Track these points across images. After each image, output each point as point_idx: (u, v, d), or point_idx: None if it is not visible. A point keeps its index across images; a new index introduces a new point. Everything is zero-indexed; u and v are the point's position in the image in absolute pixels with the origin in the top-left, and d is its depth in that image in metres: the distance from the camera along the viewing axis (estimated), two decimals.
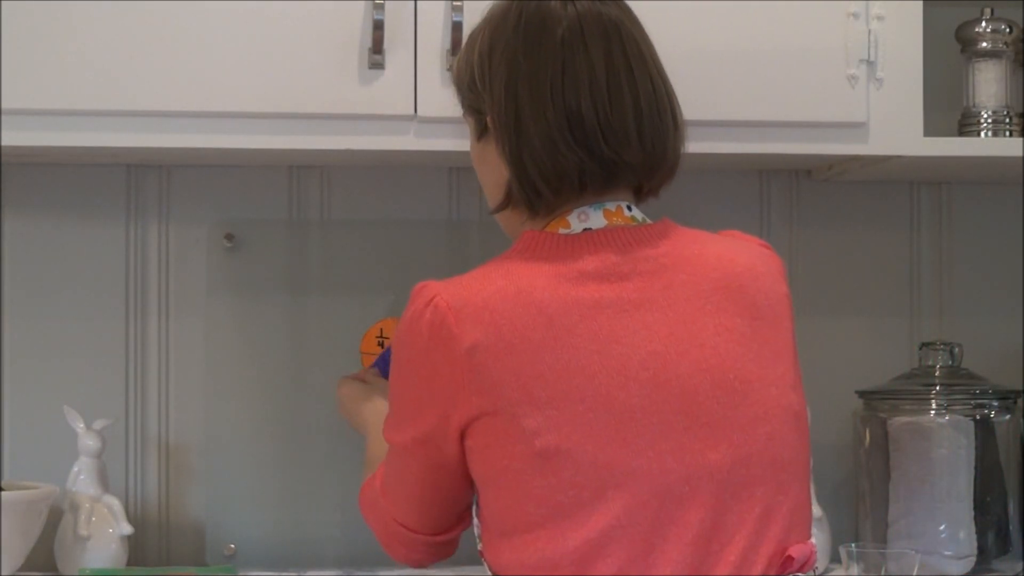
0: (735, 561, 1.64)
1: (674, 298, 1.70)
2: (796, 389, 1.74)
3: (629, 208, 1.77)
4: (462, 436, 1.70)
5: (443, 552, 1.85)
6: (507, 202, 1.79)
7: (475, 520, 1.77)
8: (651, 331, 1.67)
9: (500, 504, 1.67)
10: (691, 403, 1.66)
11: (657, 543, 1.62)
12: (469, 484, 1.74)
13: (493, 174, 1.81)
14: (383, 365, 2.47)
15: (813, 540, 1.74)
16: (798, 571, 1.69)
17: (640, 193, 1.81)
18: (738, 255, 1.77)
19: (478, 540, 1.76)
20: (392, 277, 2.50)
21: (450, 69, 2.17)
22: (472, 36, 1.83)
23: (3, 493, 2.23)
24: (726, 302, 1.71)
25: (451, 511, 1.81)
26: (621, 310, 1.68)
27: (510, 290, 1.67)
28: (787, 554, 1.68)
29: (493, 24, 1.79)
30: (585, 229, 1.74)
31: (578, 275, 1.69)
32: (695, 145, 1.90)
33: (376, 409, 2.04)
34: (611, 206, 1.75)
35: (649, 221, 1.77)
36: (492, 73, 1.76)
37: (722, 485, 1.65)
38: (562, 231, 1.73)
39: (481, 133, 1.82)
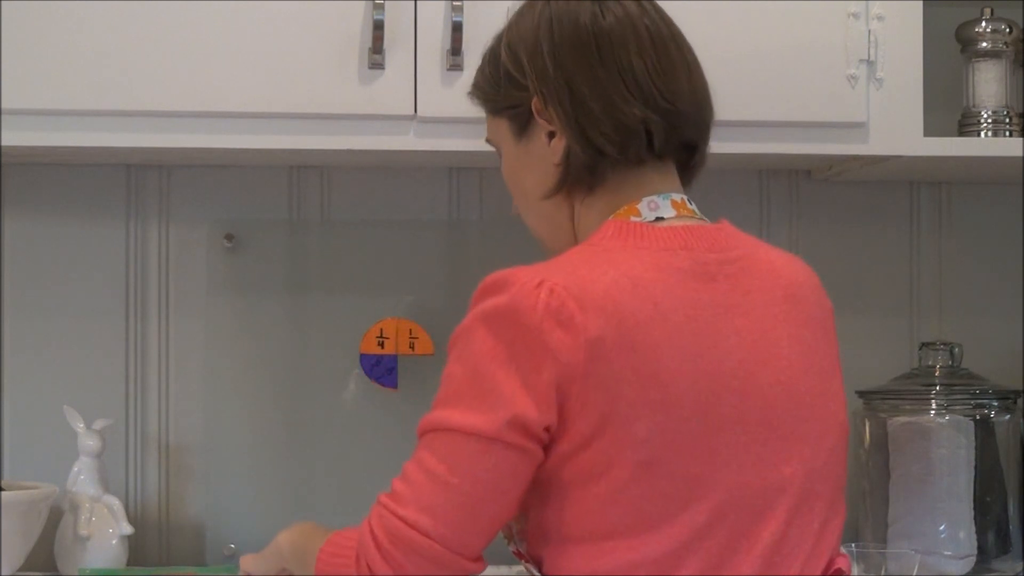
0: (797, 573, 1.63)
1: (754, 304, 1.66)
2: (845, 404, 1.73)
3: (689, 202, 1.73)
4: (555, 436, 1.58)
5: None
6: (565, 178, 1.72)
7: (516, 525, 1.69)
8: (740, 337, 1.63)
9: (582, 508, 1.58)
10: (770, 415, 1.63)
11: (728, 556, 1.59)
12: (523, 497, 1.61)
13: (540, 165, 1.74)
14: (379, 374, 2.47)
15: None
16: None
17: (686, 170, 1.77)
18: (795, 264, 1.74)
19: (511, 542, 1.71)
20: (392, 277, 2.50)
21: (451, 69, 2.18)
22: (492, 47, 1.79)
23: (3, 493, 2.23)
24: (793, 311, 1.69)
25: (494, 528, 1.61)
26: (715, 313, 1.63)
27: (625, 282, 1.59)
28: (836, 566, 1.67)
29: (515, 24, 1.75)
30: (658, 218, 1.69)
31: (678, 271, 1.63)
32: None
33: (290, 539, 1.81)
34: (677, 197, 1.71)
35: (708, 221, 1.74)
36: (532, 54, 1.72)
37: (794, 498, 1.63)
38: (634, 219, 1.68)
39: (521, 130, 1.76)
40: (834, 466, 1.69)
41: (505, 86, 1.76)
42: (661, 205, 1.70)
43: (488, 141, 1.84)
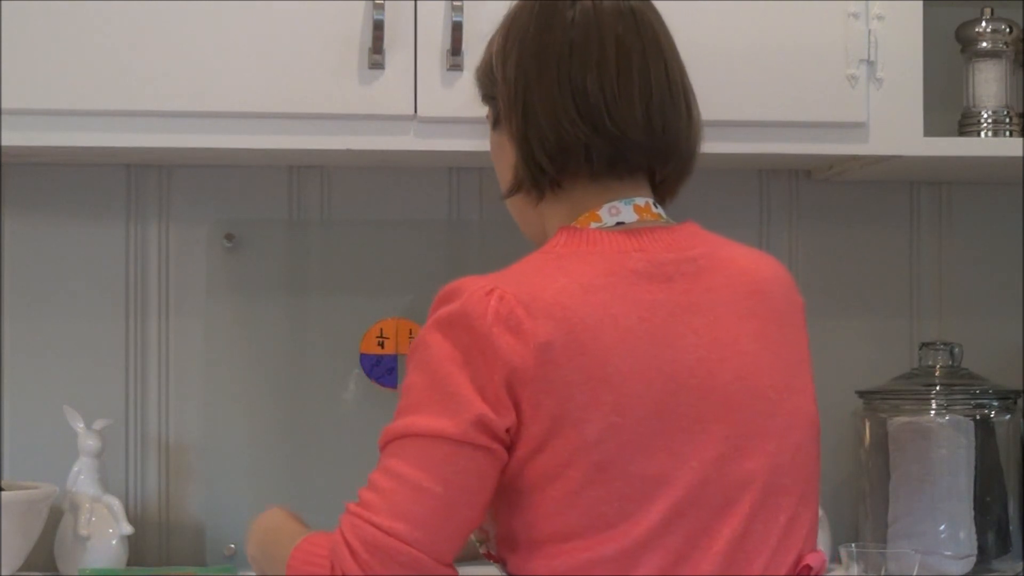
0: (760, 571, 1.63)
1: (714, 302, 1.67)
2: (815, 399, 1.74)
3: (655, 206, 1.74)
4: (513, 439, 1.60)
5: None
6: (517, 185, 1.75)
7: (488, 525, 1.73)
8: (698, 336, 1.64)
9: (540, 512, 1.60)
10: (731, 412, 1.63)
11: (689, 552, 1.60)
12: (489, 502, 1.62)
13: (506, 160, 1.77)
14: (379, 374, 2.47)
15: (820, 547, 1.74)
16: None
17: (656, 189, 1.77)
18: (762, 260, 1.75)
19: (481, 544, 1.73)
20: (392, 277, 2.50)
21: (451, 69, 2.18)
22: (493, 35, 1.81)
23: (3, 493, 2.23)
24: (758, 308, 1.69)
25: (465, 532, 1.61)
26: (671, 313, 1.64)
27: (574, 287, 1.61)
28: (805, 563, 1.67)
29: (510, 18, 1.77)
30: (618, 223, 1.70)
31: (631, 274, 1.64)
32: None
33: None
34: (640, 202, 1.72)
35: (673, 222, 1.74)
36: (505, 55, 1.74)
37: (757, 494, 1.63)
38: (594, 225, 1.69)
39: (496, 121, 1.79)
40: (803, 461, 1.69)
41: (486, 77, 1.79)
42: (623, 210, 1.71)
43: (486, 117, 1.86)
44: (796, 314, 1.75)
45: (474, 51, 2.13)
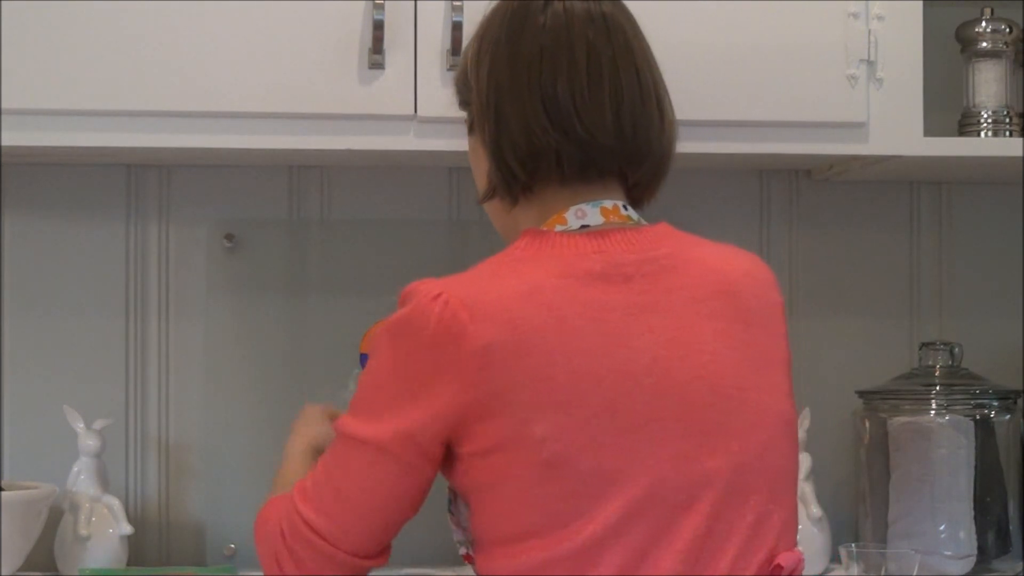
0: (726, 570, 1.63)
1: (675, 302, 1.68)
2: (790, 397, 1.73)
3: (625, 208, 1.75)
4: (455, 442, 1.63)
5: None
6: (491, 191, 1.77)
7: (457, 527, 1.75)
8: (655, 335, 1.65)
9: (495, 511, 1.63)
10: (690, 410, 1.64)
11: (650, 551, 1.60)
12: (419, 505, 1.68)
13: (482, 165, 1.79)
14: None
15: (800, 548, 1.73)
16: None
17: (631, 191, 1.78)
18: (735, 259, 1.76)
19: (461, 545, 1.74)
20: (392, 277, 2.49)
21: (451, 69, 2.18)
22: (469, 41, 1.83)
23: (3, 493, 2.23)
24: (723, 307, 1.69)
25: (389, 531, 1.68)
26: (627, 313, 1.65)
27: (522, 289, 1.63)
28: (776, 562, 1.67)
29: (485, 23, 1.79)
30: (583, 226, 1.71)
31: (585, 275, 1.66)
32: (695, 145, 1.90)
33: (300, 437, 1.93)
34: (608, 204, 1.73)
35: (645, 223, 1.76)
36: (478, 62, 1.76)
37: (719, 493, 1.63)
38: (559, 228, 1.71)
39: (471, 126, 1.81)
40: (773, 460, 1.68)
41: (463, 84, 1.81)
42: (589, 213, 1.72)
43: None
44: (770, 313, 1.74)
45: None
